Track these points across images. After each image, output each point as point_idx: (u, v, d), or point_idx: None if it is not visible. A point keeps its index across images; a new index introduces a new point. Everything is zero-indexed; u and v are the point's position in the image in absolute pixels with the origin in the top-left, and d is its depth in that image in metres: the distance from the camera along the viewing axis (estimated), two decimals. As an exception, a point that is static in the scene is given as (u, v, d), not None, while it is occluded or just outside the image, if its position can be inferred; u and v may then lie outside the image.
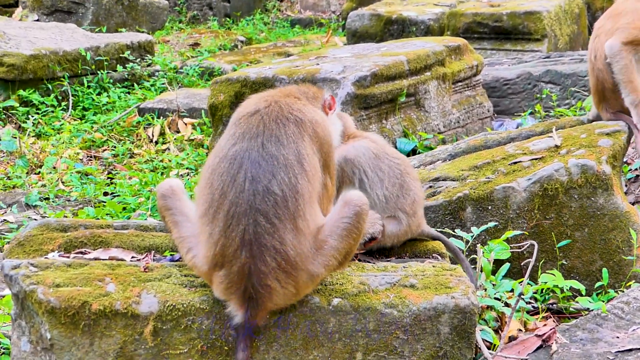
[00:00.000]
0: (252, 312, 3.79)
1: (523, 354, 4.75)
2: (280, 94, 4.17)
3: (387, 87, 8.39)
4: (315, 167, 3.93)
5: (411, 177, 4.80)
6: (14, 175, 9.31)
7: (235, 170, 3.80)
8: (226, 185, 3.80)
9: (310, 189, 3.85)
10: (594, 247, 5.76)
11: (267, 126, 3.89)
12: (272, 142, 3.85)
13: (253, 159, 3.80)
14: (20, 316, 4.02)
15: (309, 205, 3.84)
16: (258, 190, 3.75)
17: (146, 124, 10.98)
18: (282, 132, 3.88)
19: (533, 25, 12.75)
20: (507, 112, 10.46)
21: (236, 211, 3.76)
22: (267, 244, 3.74)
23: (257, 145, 3.84)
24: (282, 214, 3.75)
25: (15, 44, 11.76)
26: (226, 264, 3.79)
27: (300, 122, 3.96)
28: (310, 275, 3.85)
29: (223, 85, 8.75)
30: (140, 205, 8.10)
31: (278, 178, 3.77)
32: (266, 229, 3.74)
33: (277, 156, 3.81)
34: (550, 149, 6.08)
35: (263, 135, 3.87)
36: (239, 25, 18.85)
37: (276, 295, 3.80)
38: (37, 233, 4.53)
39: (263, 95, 4.15)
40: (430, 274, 4.19)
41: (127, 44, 12.99)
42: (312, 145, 3.95)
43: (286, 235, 3.76)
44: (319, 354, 3.94)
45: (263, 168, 3.78)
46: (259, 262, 3.74)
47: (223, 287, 3.83)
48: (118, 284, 3.97)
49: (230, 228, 3.76)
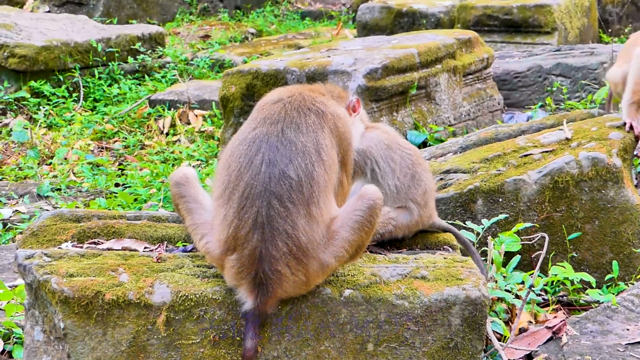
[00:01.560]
0: (261, 298, 3.80)
1: (533, 346, 4.77)
2: (305, 88, 4.21)
3: (398, 80, 8.39)
4: (333, 158, 3.95)
5: (423, 168, 4.80)
6: (25, 166, 9.34)
7: (253, 153, 3.83)
8: (243, 167, 3.83)
9: (326, 177, 3.87)
10: (604, 239, 5.76)
11: (288, 113, 3.93)
12: (292, 129, 3.88)
13: (272, 143, 3.83)
14: (34, 306, 4.04)
15: (324, 193, 3.85)
16: (274, 174, 3.77)
17: (157, 115, 11.00)
18: (302, 121, 3.92)
19: (543, 18, 12.73)
20: (518, 104, 10.45)
21: (251, 193, 3.78)
22: (279, 227, 3.76)
23: (276, 130, 3.88)
24: (296, 199, 3.77)
25: (26, 35, 11.79)
26: (238, 247, 3.80)
27: (321, 113, 4.00)
28: (320, 264, 3.86)
29: (234, 77, 8.76)
30: (151, 197, 8.12)
31: (295, 163, 3.80)
32: (279, 212, 3.76)
33: (296, 142, 3.84)
34: (561, 141, 6.08)
35: (284, 121, 3.91)
36: (249, 18, 18.83)
37: (286, 281, 3.81)
38: (51, 223, 4.55)
39: (288, 88, 4.21)
40: (442, 265, 4.20)
41: (138, 35, 13.00)
42: (332, 138, 3.98)
43: (299, 220, 3.77)
44: (330, 344, 3.95)
45: (281, 152, 3.81)
46: (270, 246, 3.76)
47: (234, 271, 3.84)
48: (131, 274, 3.99)
49: (244, 210, 3.78)
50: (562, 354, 4.62)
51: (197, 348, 3.91)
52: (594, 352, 4.60)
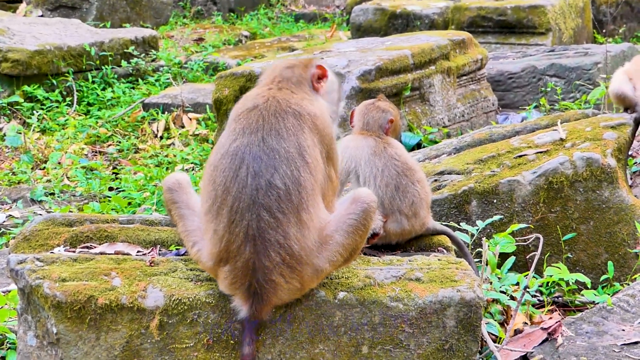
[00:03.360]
0: (256, 307, 3.79)
1: (529, 347, 4.75)
2: (274, 88, 4.11)
3: (391, 81, 8.39)
4: (317, 158, 3.92)
5: (410, 180, 4.80)
6: (19, 171, 9.32)
7: (237, 166, 3.80)
8: (229, 181, 3.79)
9: (312, 181, 3.84)
10: (600, 240, 5.76)
11: (266, 120, 3.88)
12: (272, 135, 3.83)
13: (254, 154, 3.79)
14: (27, 311, 4.02)
15: (312, 197, 3.83)
16: (261, 185, 3.75)
17: (151, 119, 10.99)
18: (281, 126, 3.87)
19: (537, 19, 12.75)
20: (512, 105, 10.46)
21: (239, 206, 3.76)
22: (270, 238, 3.74)
23: (257, 139, 3.83)
24: (285, 208, 3.75)
25: (19, 40, 11.77)
26: (230, 260, 3.79)
27: (298, 115, 3.94)
28: (315, 269, 3.85)
29: (228, 80, 8.75)
30: (145, 200, 8.11)
31: (280, 171, 3.77)
32: (270, 223, 3.74)
33: (278, 149, 3.80)
34: (555, 142, 6.08)
35: (263, 129, 3.85)
36: (243, 20, 18.83)
37: (281, 290, 3.80)
38: (43, 228, 4.53)
39: (259, 92, 4.11)
40: (436, 267, 4.19)
41: (132, 39, 12.99)
42: (313, 137, 3.93)
43: (290, 229, 3.76)
44: (325, 347, 3.94)
45: (265, 162, 3.77)
46: (263, 258, 3.74)
47: (228, 282, 3.83)
48: (124, 278, 3.97)
49: (234, 223, 3.76)
50: (558, 355, 4.61)
51: (191, 352, 3.90)
52: (590, 353, 4.59)
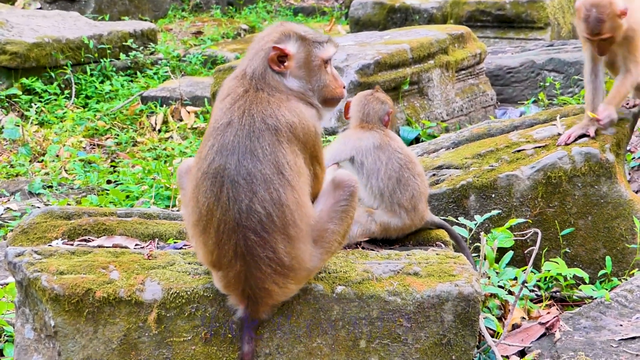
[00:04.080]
0: (252, 308, 3.80)
1: (526, 342, 4.75)
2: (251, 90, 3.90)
3: (390, 75, 8.39)
4: (299, 170, 3.84)
5: (412, 173, 4.80)
6: (17, 164, 9.32)
7: (217, 189, 3.74)
8: (211, 203, 3.75)
9: (295, 195, 3.78)
10: (598, 235, 5.76)
11: (241, 142, 3.77)
12: (248, 158, 3.74)
13: (232, 179, 3.73)
14: (24, 304, 4.02)
15: (298, 211, 3.79)
16: (242, 209, 3.71)
17: (149, 112, 10.98)
18: (256, 146, 3.76)
19: (536, 13, 12.74)
20: (511, 100, 10.45)
21: (225, 228, 3.74)
22: (260, 254, 3.73)
23: (234, 162, 3.74)
24: (269, 228, 3.72)
25: (18, 32, 11.75)
26: (223, 269, 3.79)
27: (274, 130, 3.79)
28: (309, 270, 3.87)
29: (226, 73, 8.74)
30: (143, 193, 8.10)
31: (259, 196, 3.71)
32: (256, 242, 3.72)
33: (255, 173, 3.73)
34: (554, 137, 6.07)
35: (238, 151, 3.75)
36: (241, 14, 18.81)
37: (276, 294, 3.81)
38: (41, 221, 4.53)
39: (234, 97, 3.91)
40: (434, 262, 4.18)
41: (130, 32, 12.98)
42: (294, 148, 3.84)
43: (277, 246, 3.74)
44: (323, 341, 3.94)
45: (243, 187, 3.72)
46: (254, 270, 3.74)
47: (222, 285, 3.84)
48: (122, 271, 3.97)
49: (222, 242, 3.75)
50: (555, 349, 4.61)
51: (188, 345, 3.90)
52: (587, 347, 4.59)
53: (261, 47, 4.03)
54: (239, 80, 3.97)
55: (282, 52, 3.95)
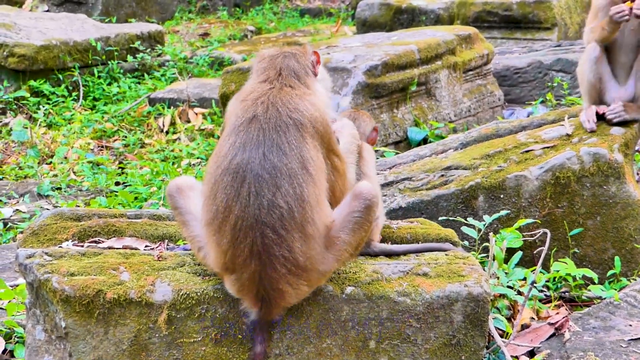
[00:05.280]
0: (266, 310, 3.81)
1: (536, 342, 4.76)
2: (275, 85, 4.04)
3: (398, 76, 8.40)
4: (320, 165, 3.89)
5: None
6: (25, 166, 9.33)
7: (238, 184, 3.76)
8: (230, 199, 3.76)
9: (317, 192, 3.81)
10: (606, 235, 5.75)
11: (267, 135, 3.80)
12: (274, 152, 3.77)
13: (256, 172, 3.74)
14: (35, 305, 4.03)
15: (317, 208, 3.81)
16: (263, 204, 3.72)
17: (157, 114, 10.99)
18: (283, 140, 3.81)
19: (543, 14, 12.72)
20: (518, 100, 10.44)
21: (243, 225, 3.74)
22: (275, 253, 3.74)
23: (258, 156, 3.76)
24: (288, 225, 3.73)
25: (26, 35, 11.77)
26: (237, 271, 3.79)
27: (300, 124, 3.86)
28: (321, 273, 3.87)
29: (234, 75, 8.77)
30: (152, 195, 8.12)
31: (282, 190, 3.73)
32: (274, 240, 3.73)
33: (280, 167, 3.75)
34: (562, 137, 6.07)
35: (264, 145, 3.79)
36: (248, 15, 18.81)
37: (289, 296, 3.82)
38: (51, 222, 4.54)
39: (258, 92, 4.01)
40: (443, 262, 4.19)
41: (137, 34, 12.99)
42: (315, 143, 3.89)
43: (294, 244, 3.75)
44: (332, 342, 3.95)
45: (266, 181, 3.73)
46: (269, 270, 3.75)
47: (236, 288, 3.84)
48: (132, 272, 3.98)
49: (239, 240, 3.75)
50: (565, 350, 4.61)
51: (198, 346, 3.91)
52: (597, 348, 4.59)
53: (294, 53, 4.21)
54: (262, 82, 4.07)
55: (318, 59, 4.25)
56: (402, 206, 5.77)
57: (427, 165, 6.15)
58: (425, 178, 5.97)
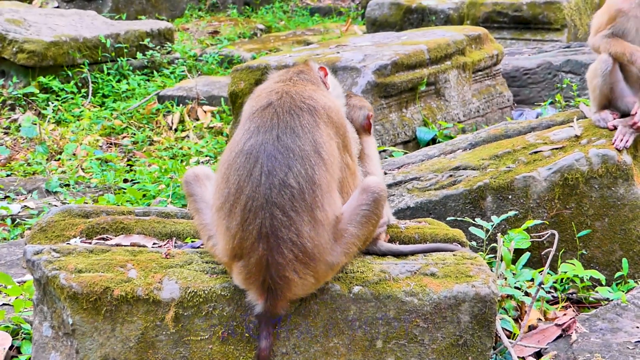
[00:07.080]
0: (271, 301, 3.81)
1: (543, 343, 4.75)
2: (289, 84, 4.13)
3: (407, 76, 8.39)
4: (333, 153, 3.93)
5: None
6: (34, 162, 9.35)
7: (251, 165, 3.80)
8: (242, 180, 3.80)
9: (328, 178, 3.85)
10: (614, 237, 5.75)
11: (281, 118, 3.88)
12: (288, 134, 3.84)
13: (269, 153, 3.79)
14: (42, 301, 4.04)
15: (328, 195, 3.84)
16: (274, 184, 3.75)
17: (166, 111, 11.00)
18: (296, 123, 3.87)
19: (553, 15, 12.71)
20: (527, 101, 10.42)
21: (253, 205, 3.76)
22: (283, 236, 3.75)
23: (272, 138, 3.83)
24: (298, 207, 3.76)
25: (35, 31, 11.79)
26: (244, 256, 3.80)
27: (313, 110, 3.95)
28: (329, 265, 3.87)
29: (244, 73, 8.76)
30: (160, 192, 8.12)
31: (294, 170, 3.77)
32: (283, 222, 3.75)
33: (293, 148, 3.80)
34: (570, 138, 6.06)
35: (278, 127, 3.86)
36: (258, 14, 18.82)
37: (295, 286, 3.81)
38: (59, 219, 4.55)
39: (272, 88, 4.11)
40: (451, 262, 4.19)
41: (147, 31, 13.00)
42: (328, 131, 3.95)
43: (303, 228, 3.76)
44: (340, 341, 3.95)
45: (279, 161, 3.78)
46: (276, 255, 3.75)
47: (242, 277, 3.85)
48: (140, 270, 3.98)
49: (248, 222, 3.77)
50: (572, 351, 4.61)
51: (206, 344, 3.91)
52: (604, 349, 4.59)
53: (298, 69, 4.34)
54: (276, 82, 4.18)
55: (325, 72, 4.40)
56: (411, 206, 5.77)
57: (435, 165, 6.15)
58: (433, 178, 5.97)
